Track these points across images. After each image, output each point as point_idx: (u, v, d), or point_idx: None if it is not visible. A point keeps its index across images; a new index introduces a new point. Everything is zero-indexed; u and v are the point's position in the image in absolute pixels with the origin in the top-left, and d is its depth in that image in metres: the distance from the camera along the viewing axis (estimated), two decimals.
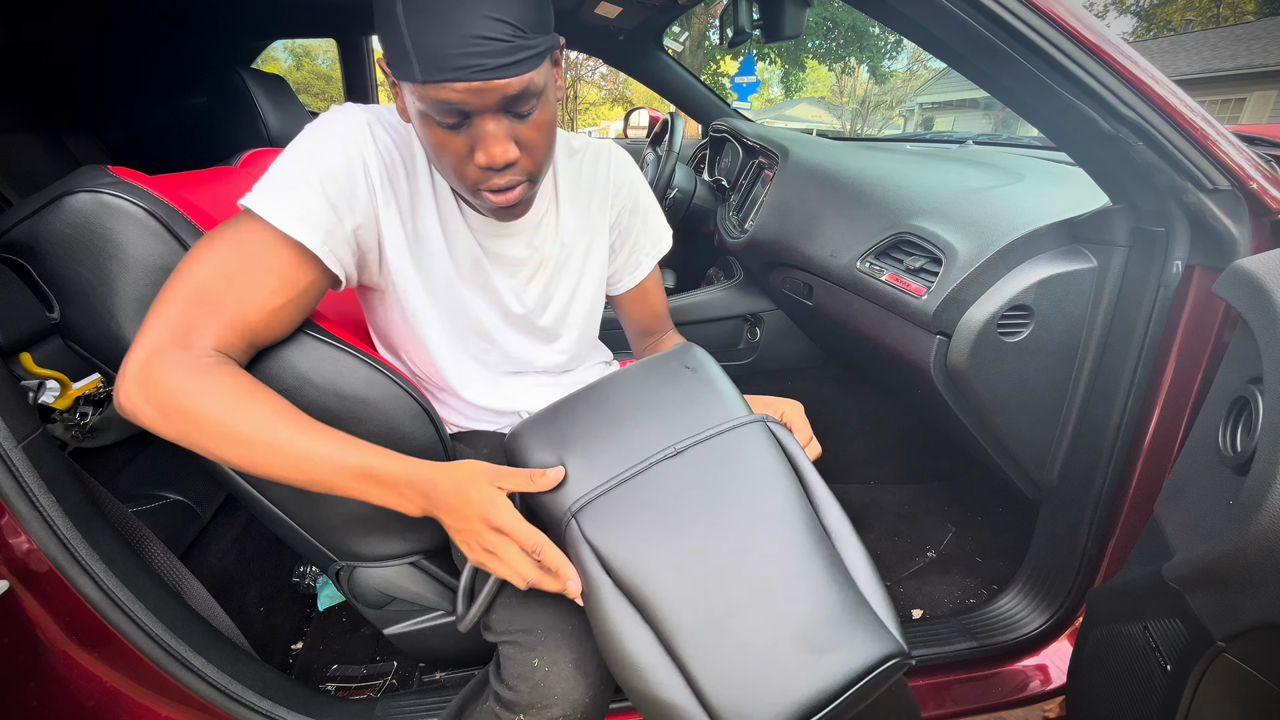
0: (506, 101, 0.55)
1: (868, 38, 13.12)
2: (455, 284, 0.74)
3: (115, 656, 0.71)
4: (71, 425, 0.96)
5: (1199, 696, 0.60)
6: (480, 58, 0.51)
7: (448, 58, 0.50)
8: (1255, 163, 0.69)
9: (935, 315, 0.87)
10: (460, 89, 0.52)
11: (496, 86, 0.53)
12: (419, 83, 0.52)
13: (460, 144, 0.57)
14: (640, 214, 0.85)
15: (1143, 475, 0.87)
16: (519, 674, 0.64)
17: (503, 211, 0.63)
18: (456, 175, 0.60)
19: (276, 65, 15.61)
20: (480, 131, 0.56)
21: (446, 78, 0.51)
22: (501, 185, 0.60)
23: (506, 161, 0.57)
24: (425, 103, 0.54)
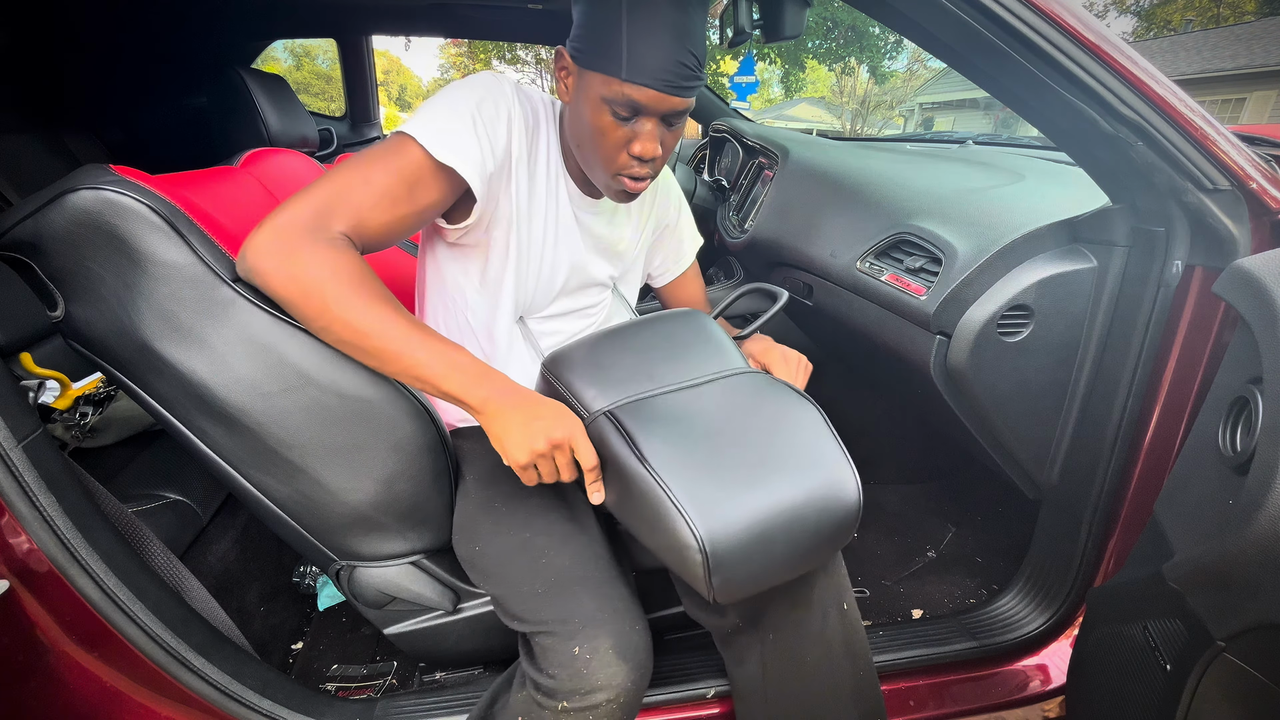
0: (671, 113, 0.69)
1: (868, 38, 13.11)
2: (546, 244, 0.82)
3: (115, 656, 0.71)
4: (71, 425, 0.97)
5: (1199, 696, 0.60)
6: (676, 78, 0.66)
7: (654, 70, 0.65)
8: (1255, 163, 0.69)
9: (935, 315, 0.88)
10: (651, 95, 0.66)
11: (675, 103, 0.68)
12: (621, 79, 0.65)
13: (621, 134, 0.69)
14: (681, 212, 1.01)
15: (1143, 475, 0.87)
16: (559, 662, 0.66)
17: (627, 197, 0.76)
18: (606, 158, 0.72)
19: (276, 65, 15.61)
20: (642, 129, 0.69)
21: (648, 83, 0.65)
22: (640, 174, 0.73)
23: (654, 156, 0.70)
24: (613, 94, 0.66)
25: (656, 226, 0.97)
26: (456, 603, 0.89)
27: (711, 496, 0.60)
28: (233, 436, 0.73)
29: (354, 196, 0.66)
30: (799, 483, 0.63)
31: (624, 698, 0.66)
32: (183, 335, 0.68)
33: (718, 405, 0.69)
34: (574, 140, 0.75)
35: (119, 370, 0.71)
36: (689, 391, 0.70)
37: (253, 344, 0.70)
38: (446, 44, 29.35)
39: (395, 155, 0.67)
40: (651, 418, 0.66)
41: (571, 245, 0.84)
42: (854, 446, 0.68)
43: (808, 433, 0.67)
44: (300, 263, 0.62)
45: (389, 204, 0.67)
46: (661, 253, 1.02)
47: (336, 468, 0.75)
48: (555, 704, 0.65)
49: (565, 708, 0.65)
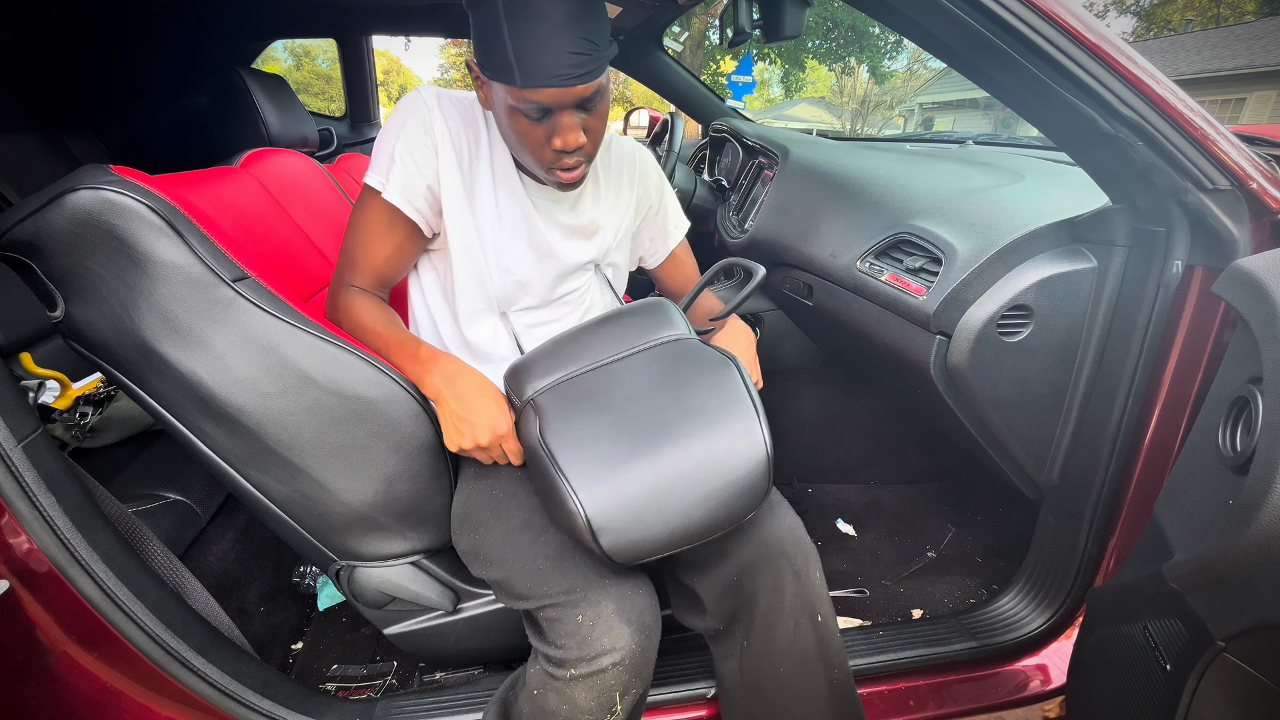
0: (581, 100, 0.69)
1: (868, 38, 13.10)
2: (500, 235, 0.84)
3: (115, 656, 0.71)
4: (71, 425, 0.97)
5: (1199, 696, 0.60)
6: (570, 69, 0.65)
7: (545, 69, 0.64)
8: (1255, 163, 0.69)
9: (935, 315, 0.88)
10: (552, 93, 0.66)
11: (579, 91, 0.67)
12: (518, 86, 0.65)
13: (540, 132, 0.71)
14: (664, 193, 1.01)
15: (1143, 475, 0.87)
16: (565, 631, 0.68)
17: (567, 186, 0.77)
18: (534, 156, 0.73)
19: (276, 65, 15.61)
20: (558, 123, 0.70)
21: (543, 84, 0.65)
22: (570, 164, 0.74)
23: (578, 145, 0.71)
24: (518, 101, 0.67)
25: (639, 207, 0.98)
26: (456, 603, 0.89)
27: (598, 466, 0.64)
28: (233, 437, 0.73)
29: (354, 253, 0.82)
30: (694, 445, 0.64)
31: (630, 660, 0.67)
32: (182, 335, 0.68)
33: (634, 375, 0.72)
34: (506, 142, 0.78)
35: (119, 370, 0.71)
36: (611, 366, 0.73)
37: (252, 344, 0.70)
38: (446, 44, 29.37)
39: (366, 208, 0.80)
40: (568, 397, 0.71)
41: (534, 235, 0.85)
42: (854, 446, 0.68)
43: (718, 394, 0.68)
44: (337, 313, 0.83)
45: (378, 247, 0.81)
46: (648, 234, 1.03)
47: (336, 468, 0.75)
48: (565, 673, 0.67)
49: (574, 675, 0.67)
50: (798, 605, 0.76)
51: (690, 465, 0.64)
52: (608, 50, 0.68)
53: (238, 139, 1.45)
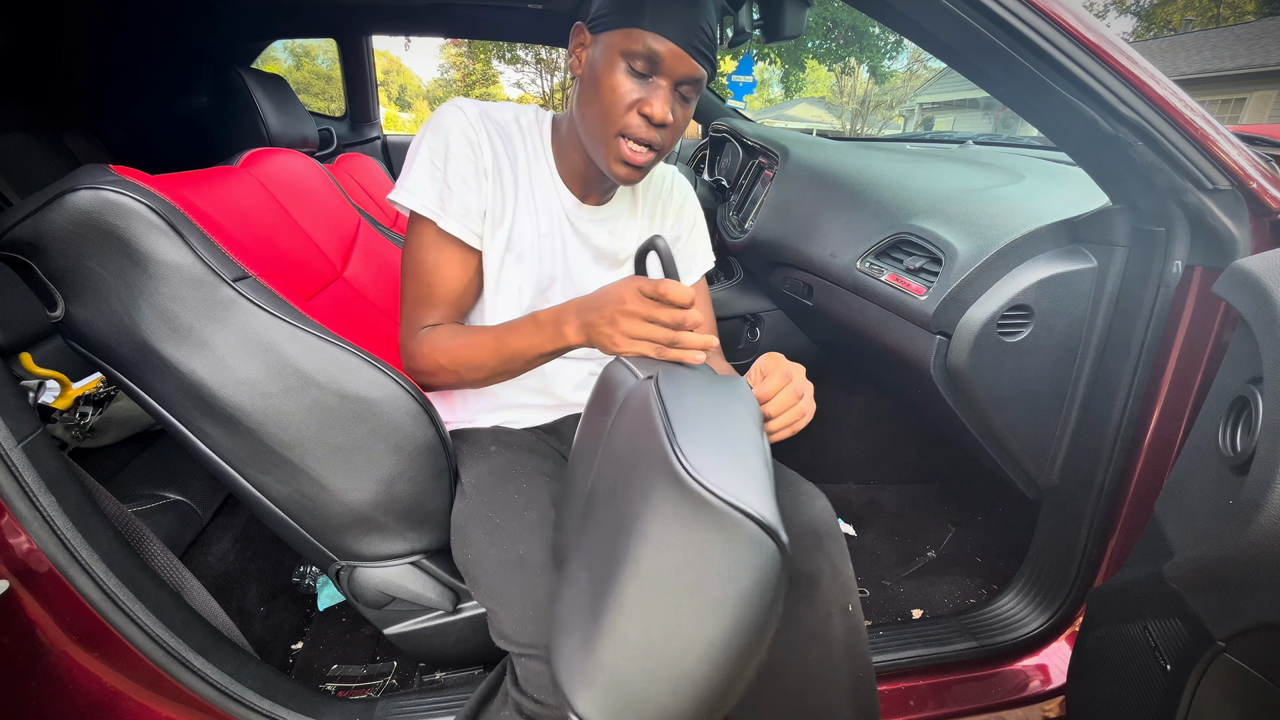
0: (685, 80, 0.70)
1: (868, 38, 13.11)
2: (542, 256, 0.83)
3: (115, 656, 0.71)
4: (71, 425, 0.97)
5: (1199, 696, 0.60)
6: (697, 40, 0.67)
7: (676, 24, 0.66)
8: (1255, 162, 0.69)
9: (935, 315, 0.87)
10: (671, 48, 0.67)
11: (692, 66, 0.68)
12: (644, 28, 0.66)
13: (633, 90, 0.70)
14: (695, 231, 0.97)
15: (1143, 475, 0.87)
16: (540, 686, 0.64)
17: (629, 169, 0.74)
18: (613, 116, 0.71)
19: (276, 65, 15.61)
20: (656, 88, 0.70)
21: (669, 34, 0.66)
22: (645, 139, 0.72)
23: (663, 120, 0.70)
24: (632, 45, 0.67)
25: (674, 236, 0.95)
26: (456, 603, 0.89)
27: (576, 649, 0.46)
28: (233, 437, 0.73)
29: (418, 293, 0.79)
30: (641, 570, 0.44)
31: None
32: (183, 335, 0.68)
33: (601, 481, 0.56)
34: (579, 112, 0.75)
35: (119, 370, 0.71)
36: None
37: (253, 344, 0.70)
38: (446, 44, 29.35)
39: (417, 241, 0.78)
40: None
41: (569, 255, 0.84)
42: (855, 446, 0.68)
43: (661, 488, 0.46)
44: (418, 364, 0.78)
45: (442, 277, 0.78)
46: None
47: (336, 468, 0.75)
48: None
49: None
50: (831, 595, 0.74)
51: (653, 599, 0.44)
52: (716, 60, 0.71)
53: (238, 139, 1.45)
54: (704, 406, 0.53)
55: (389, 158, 2.56)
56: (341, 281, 1.13)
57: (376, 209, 1.80)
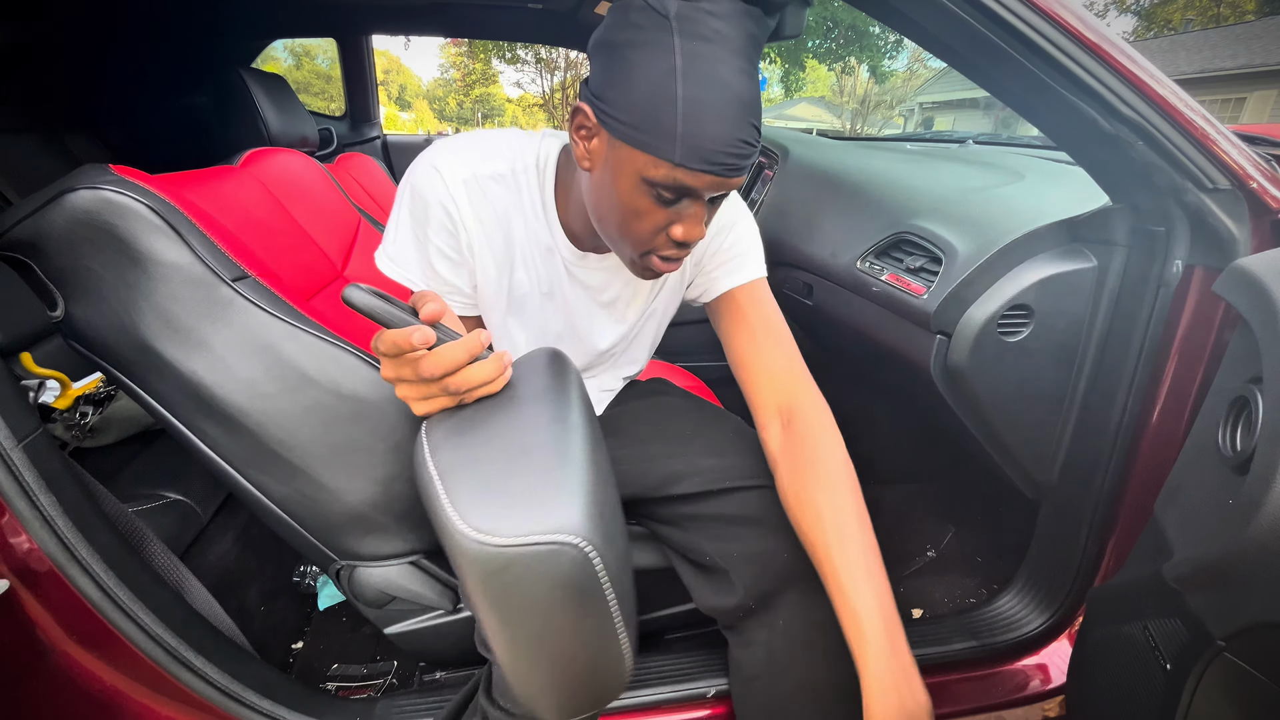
0: (722, 193, 0.59)
1: (868, 37, 13.11)
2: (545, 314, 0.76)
3: (115, 656, 0.71)
4: (71, 425, 0.97)
5: (1199, 696, 0.60)
6: (736, 158, 0.55)
7: (713, 153, 0.54)
8: (1255, 162, 0.69)
9: (935, 315, 0.87)
10: (707, 180, 0.56)
11: (732, 183, 0.58)
12: (674, 163, 0.54)
13: (661, 217, 0.60)
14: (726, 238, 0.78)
15: (1142, 475, 0.87)
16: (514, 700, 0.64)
17: (656, 275, 0.66)
18: (639, 238, 0.61)
19: (276, 65, 15.63)
20: (687, 212, 0.59)
21: (705, 169, 0.54)
22: (676, 256, 0.63)
23: (699, 239, 0.61)
24: (660, 178, 0.55)
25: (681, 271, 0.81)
26: (456, 602, 0.89)
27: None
28: (232, 437, 0.73)
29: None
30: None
31: None
32: (182, 336, 0.68)
33: None
34: (595, 213, 0.64)
35: (119, 370, 0.71)
36: None
37: (252, 344, 0.70)
38: (446, 44, 29.35)
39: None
40: None
41: (573, 310, 0.77)
42: (854, 446, 0.68)
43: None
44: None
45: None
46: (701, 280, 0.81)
47: (336, 468, 0.75)
48: None
49: None
50: None
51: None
52: (760, 139, 0.59)
53: (238, 139, 1.45)
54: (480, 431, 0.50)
55: (389, 157, 2.56)
56: (342, 281, 1.13)
57: (376, 209, 1.80)
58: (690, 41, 0.51)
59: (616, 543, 0.48)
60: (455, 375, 0.49)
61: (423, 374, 0.49)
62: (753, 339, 0.76)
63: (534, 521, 0.42)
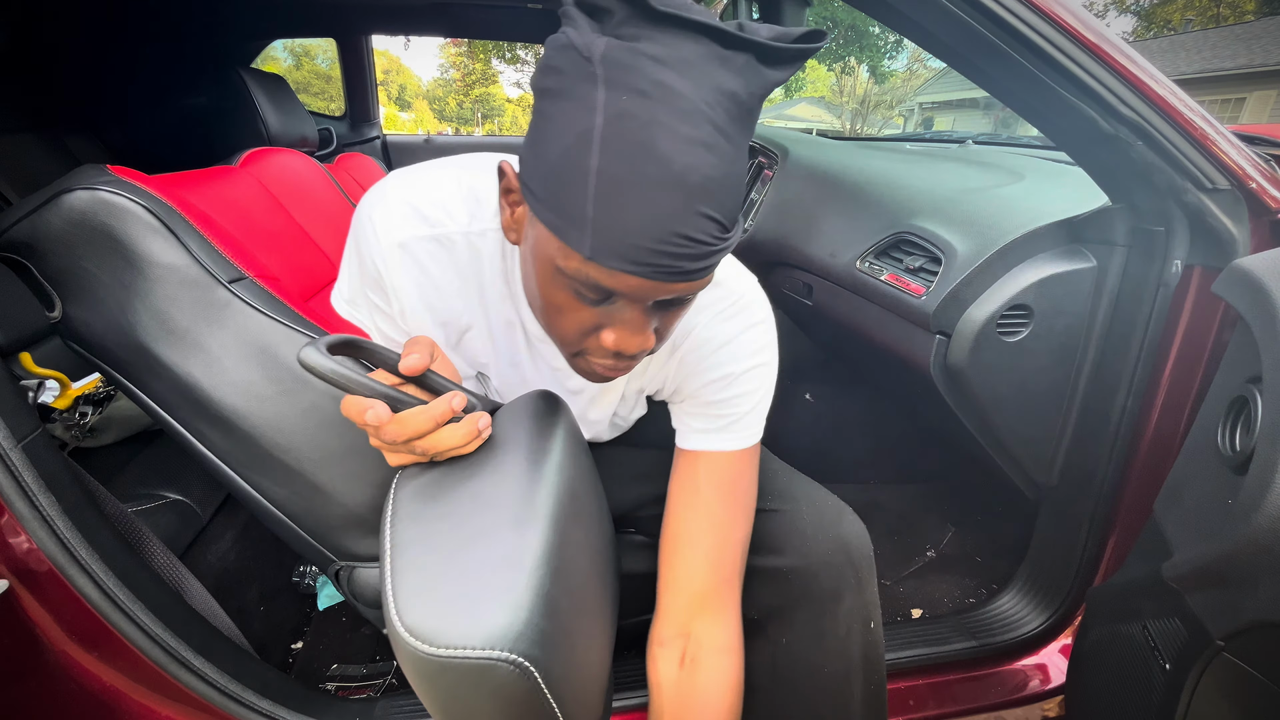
0: (668, 299, 0.44)
1: (868, 37, 13.12)
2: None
3: (115, 656, 0.71)
4: (71, 425, 0.97)
5: (1198, 695, 0.60)
6: (676, 259, 0.39)
7: (637, 249, 0.39)
8: (1255, 162, 0.69)
9: (935, 315, 0.87)
10: (634, 283, 0.41)
11: (677, 289, 0.42)
12: (585, 257, 0.40)
13: (587, 317, 0.45)
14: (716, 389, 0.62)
15: (1142, 475, 0.87)
16: None
17: (601, 379, 0.52)
18: (565, 338, 0.48)
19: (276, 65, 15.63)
20: (621, 315, 0.45)
21: (625, 269, 0.39)
22: (619, 367, 0.49)
23: (639, 350, 0.46)
24: (573, 271, 0.41)
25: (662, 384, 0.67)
26: None
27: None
28: (230, 438, 0.73)
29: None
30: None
31: None
32: (179, 337, 0.68)
33: None
34: (526, 294, 0.52)
35: (116, 371, 0.71)
36: None
37: (249, 347, 0.70)
38: (446, 44, 29.35)
39: None
40: None
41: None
42: (854, 446, 0.68)
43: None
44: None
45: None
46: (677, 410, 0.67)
47: (333, 470, 0.75)
48: None
49: None
50: (854, 612, 0.73)
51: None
52: (736, 233, 0.43)
53: (237, 139, 1.45)
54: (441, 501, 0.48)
55: (389, 158, 2.56)
56: None
57: None
58: (619, 95, 0.36)
59: (574, 635, 0.46)
60: (422, 440, 0.46)
61: (384, 439, 0.45)
62: (694, 520, 0.63)
63: (468, 633, 0.39)
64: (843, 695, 0.75)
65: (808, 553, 0.71)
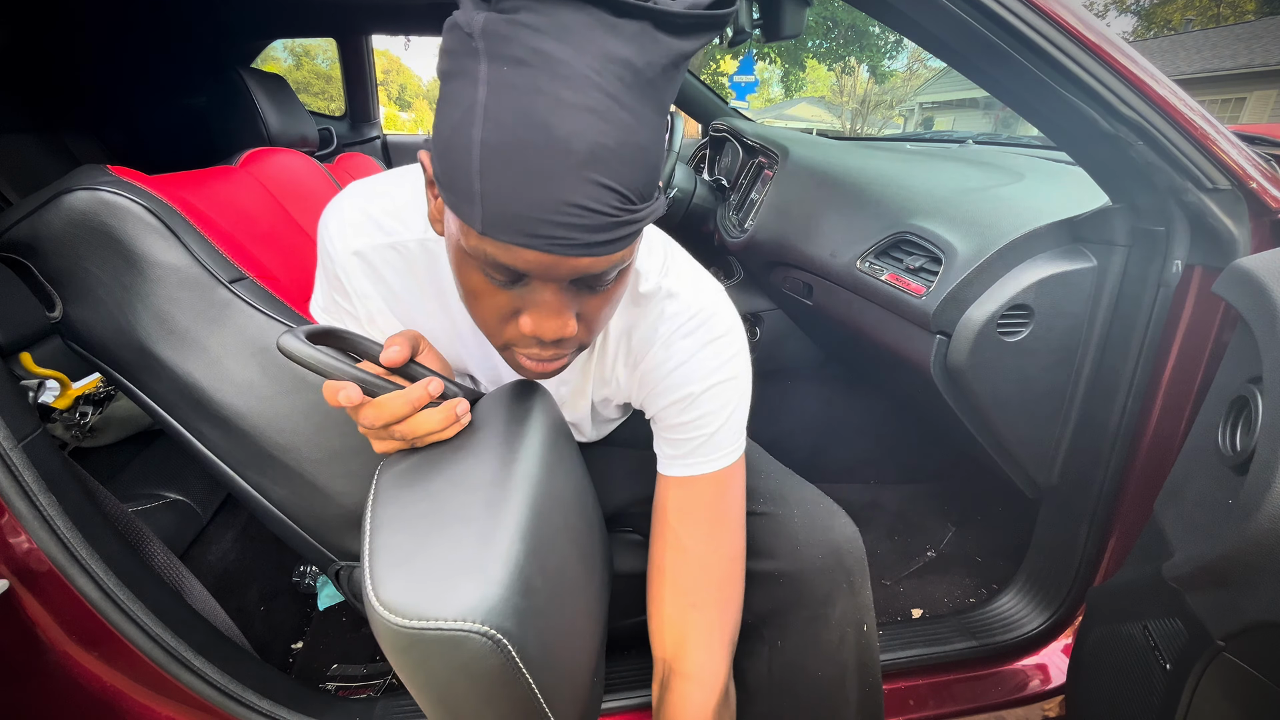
0: (581, 277, 0.42)
1: (868, 37, 13.10)
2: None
3: (115, 656, 0.71)
4: (71, 425, 0.97)
5: (1198, 695, 0.60)
6: (571, 231, 0.38)
7: (527, 221, 0.38)
8: (1255, 162, 0.69)
9: (935, 315, 0.87)
10: (531, 258, 0.39)
11: (581, 265, 0.41)
12: (480, 233, 0.39)
13: (504, 301, 0.44)
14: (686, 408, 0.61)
15: (1142, 474, 0.87)
16: None
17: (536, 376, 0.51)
18: (488, 327, 0.48)
19: (276, 65, 15.63)
20: (536, 298, 0.44)
21: (519, 242, 0.39)
22: (544, 356, 0.48)
23: (560, 337, 0.45)
24: (472, 249, 0.41)
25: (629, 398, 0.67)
26: None
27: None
28: (230, 438, 0.73)
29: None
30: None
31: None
32: (179, 338, 0.68)
33: None
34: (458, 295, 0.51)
35: (117, 371, 0.71)
36: None
37: (249, 347, 0.70)
38: None
39: None
40: None
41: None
42: (854, 446, 0.68)
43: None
44: None
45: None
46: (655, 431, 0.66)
47: (333, 470, 0.75)
48: None
49: None
50: (847, 616, 0.73)
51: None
52: (646, 207, 0.41)
53: (238, 139, 1.45)
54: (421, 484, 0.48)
55: (389, 157, 2.56)
56: None
57: None
58: (499, 67, 0.36)
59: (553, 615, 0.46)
60: (400, 424, 0.48)
61: (362, 423, 0.47)
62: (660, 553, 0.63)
63: (439, 605, 0.39)
64: (837, 699, 0.76)
65: (799, 556, 0.72)
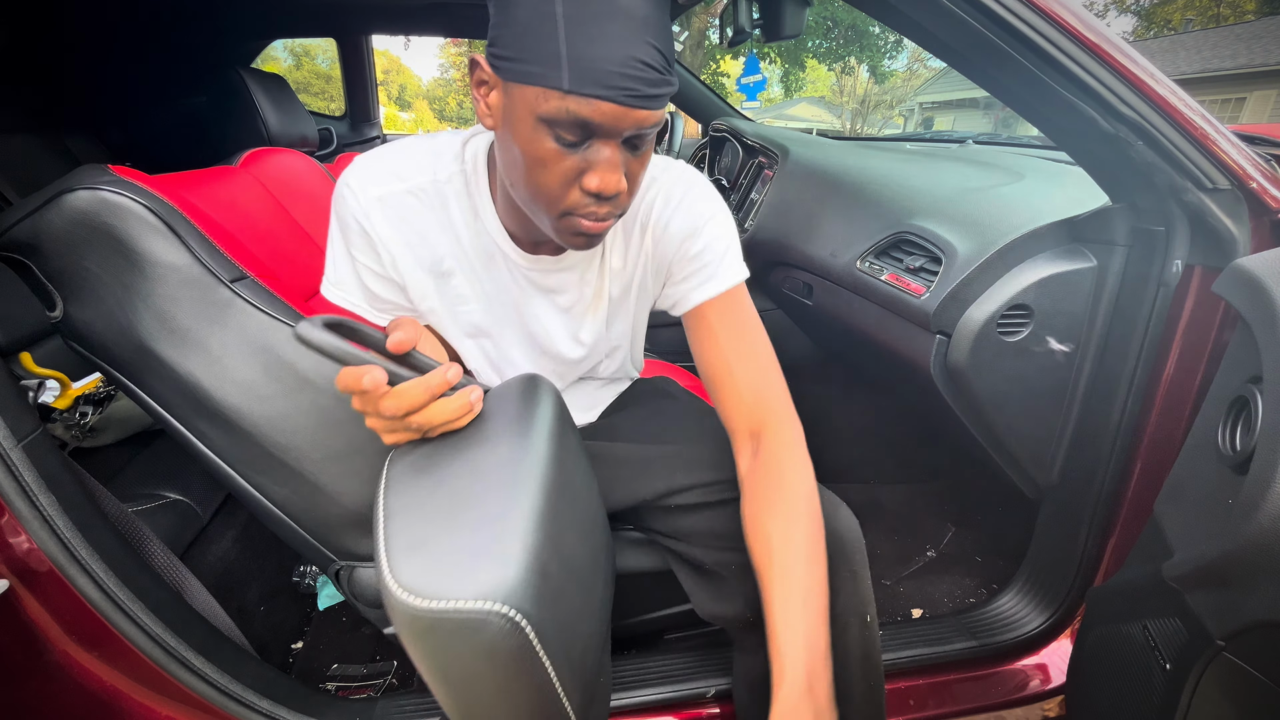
0: (634, 133, 0.51)
1: (868, 37, 13.11)
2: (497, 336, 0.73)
3: (115, 656, 0.71)
4: (71, 425, 0.97)
5: (1198, 695, 0.60)
6: (637, 83, 0.48)
7: (607, 74, 0.47)
8: (1255, 162, 0.69)
9: (935, 315, 0.87)
10: (608, 110, 0.48)
11: (640, 117, 0.50)
12: (564, 91, 0.47)
13: (571, 165, 0.52)
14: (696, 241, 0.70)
15: (1142, 474, 0.87)
16: None
17: (588, 240, 0.58)
18: (552, 196, 0.54)
19: (276, 65, 15.64)
20: (598, 156, 0.52)
21: (600, 94, 0.48)
22: (601, 214, 0.55)
23: (617, 190, 0.53)
24: (554, 112, 0.49)
25: (644, 273, 0.73)
26: None
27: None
28: (231, 438, 0.73)
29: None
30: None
31: None
32: (180, 337, 0.68)
33: None
34: (507, 178, 0.58)
35: (117, 371, 0.71)
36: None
37: (250, 346, 0.70)
38: (446, 43, 29.35)
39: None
40: None
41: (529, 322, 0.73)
42: (854, 446, 0.68)
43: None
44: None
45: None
46: (670, 294, 0.75)
47: (334, 470, 0.75)
48: None
49: None
50: (850, 606, 0.73)
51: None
52: (674, 78, 0.51)
53: (238, 139, 1.45)
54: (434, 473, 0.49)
55: None
56: None
57: None
58: None
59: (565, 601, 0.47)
60: (417, 414, 0.50)
61: (382, 413, 0.49)
62: (722, 358, 0.70)
63: (460, 586, 0.40)
64: (840, 692, 0.75)
65: None
